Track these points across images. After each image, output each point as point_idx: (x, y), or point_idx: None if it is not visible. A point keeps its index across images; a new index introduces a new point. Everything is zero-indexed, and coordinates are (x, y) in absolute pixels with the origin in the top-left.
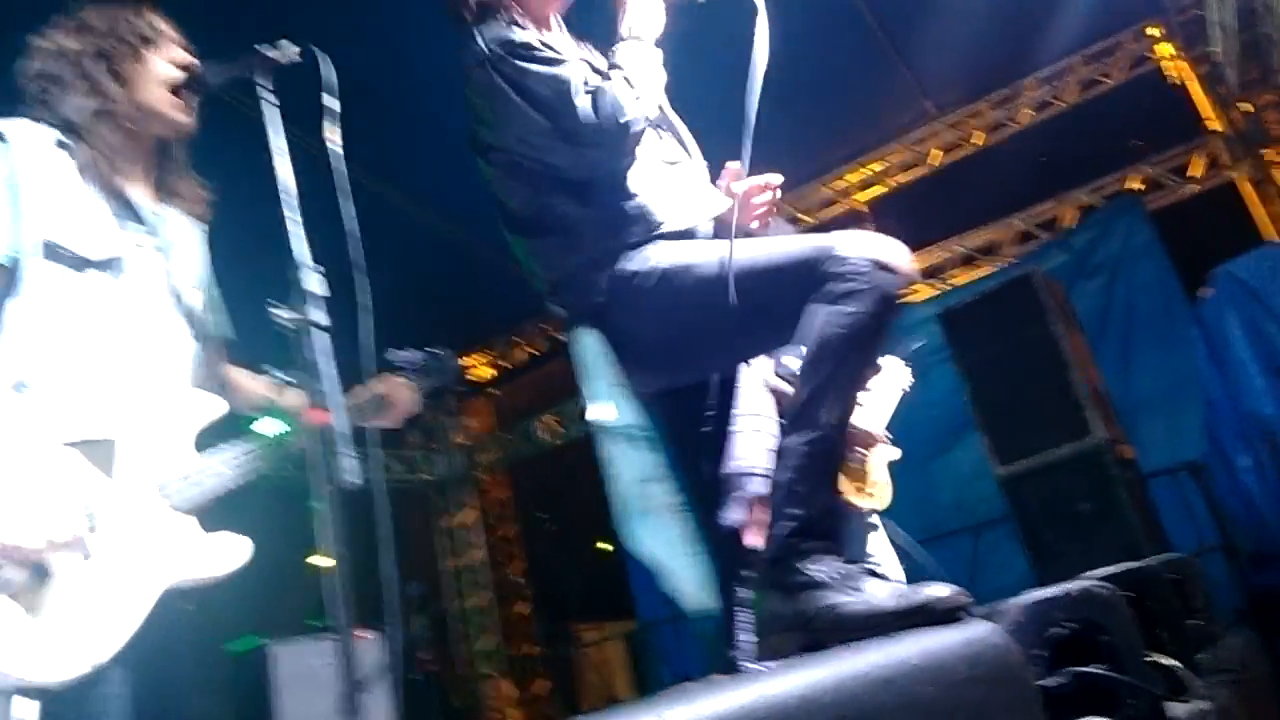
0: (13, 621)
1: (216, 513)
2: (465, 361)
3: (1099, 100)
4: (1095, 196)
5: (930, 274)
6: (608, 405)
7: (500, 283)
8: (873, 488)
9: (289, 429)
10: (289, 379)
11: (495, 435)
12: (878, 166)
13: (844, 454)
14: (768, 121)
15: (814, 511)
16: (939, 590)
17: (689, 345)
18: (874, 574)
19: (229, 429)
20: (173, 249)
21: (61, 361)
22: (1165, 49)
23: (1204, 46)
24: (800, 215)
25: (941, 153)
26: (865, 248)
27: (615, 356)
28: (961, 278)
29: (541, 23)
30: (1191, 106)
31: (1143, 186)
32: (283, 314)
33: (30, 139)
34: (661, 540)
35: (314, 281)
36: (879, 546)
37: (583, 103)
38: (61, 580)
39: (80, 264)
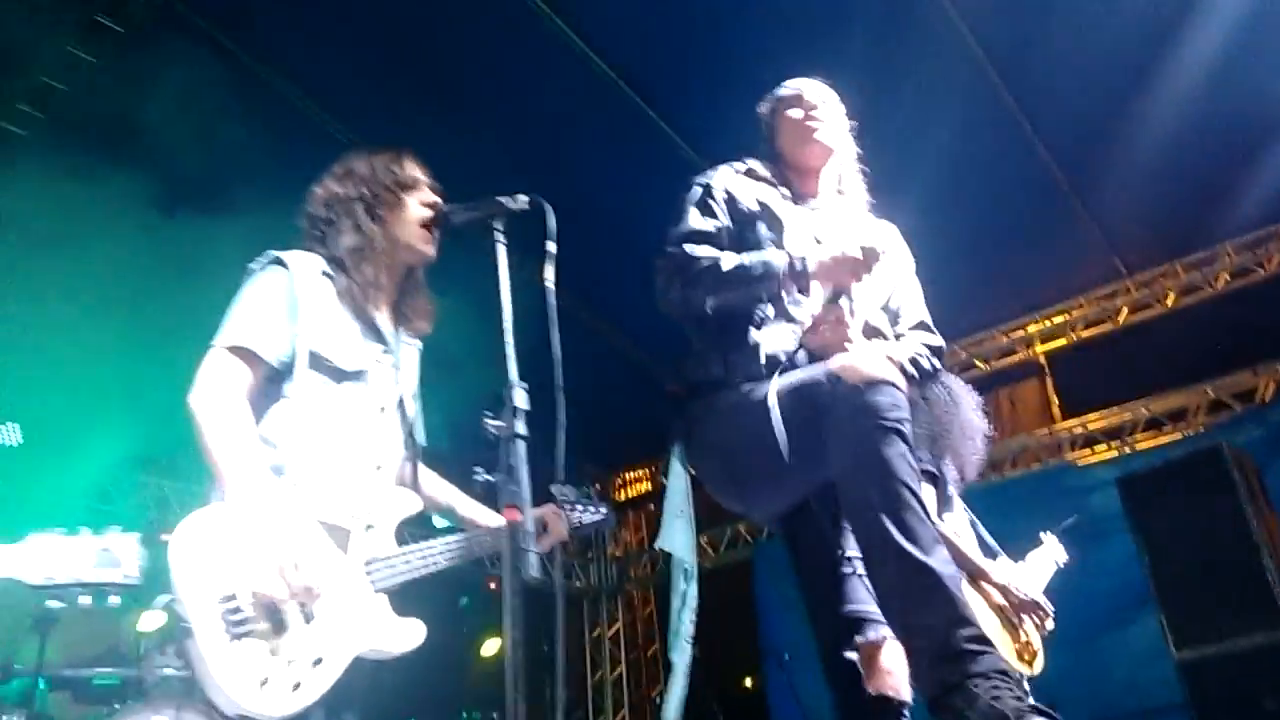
0: (250, 661)
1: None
2: (627, 476)
3: None
4: None
5: (1111, 435)
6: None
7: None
8: (1030, 655)
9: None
10: (490, 478)
11: (647, 551)
12: (1060, 319)
13: (936, 570)
14: (953, 268)
15: (950, 637)
16: None
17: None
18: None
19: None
20: (402, 365)
21: (313, 455)
22: None
23: None
24: (977, 362)
25: (1128, 311)
26: (831, 367)
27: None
28: (1144, 443)
29: None
30: None
31: None
32: (493, 423)
33: (304, 266)
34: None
35: (520, 397)
36: None
37: None
38: (289, 632)
39: (336, 374)
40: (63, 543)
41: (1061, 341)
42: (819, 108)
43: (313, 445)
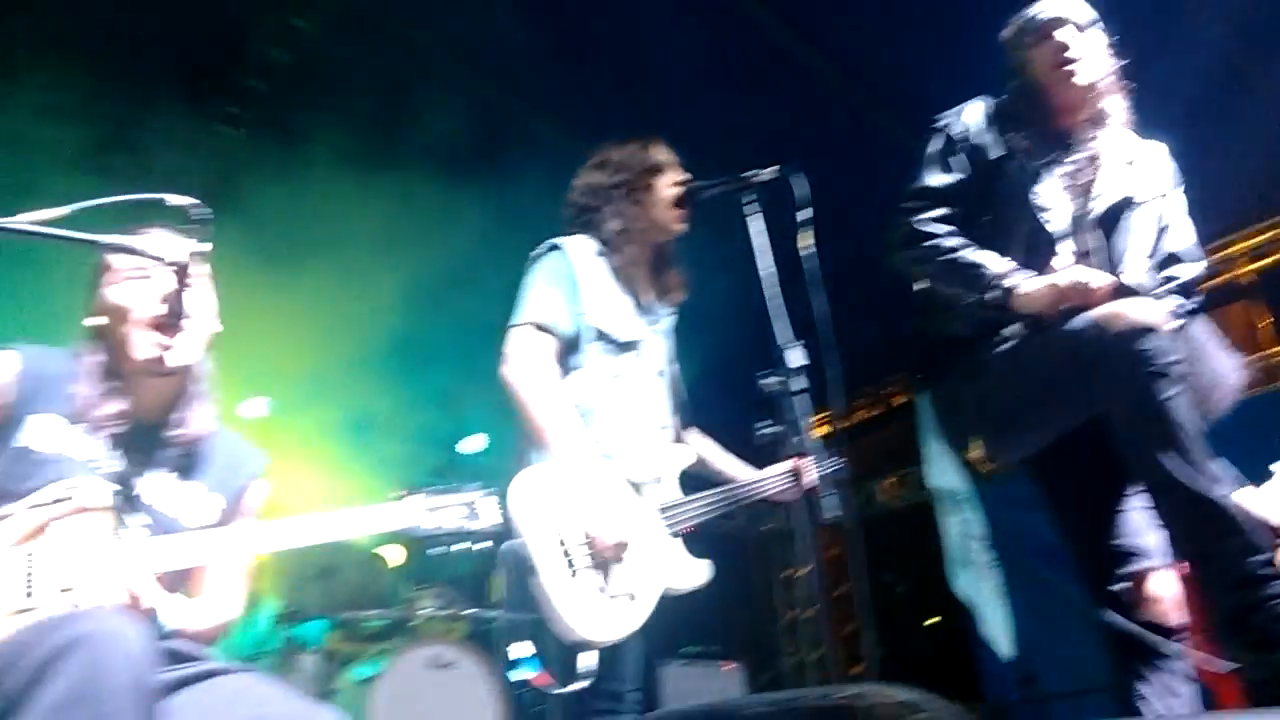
0: (583, 595)
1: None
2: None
3: None
4: None
5: None
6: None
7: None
8: None
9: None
10: (773, 431)
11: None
12: (1267, 237)
13: (1222, 503)
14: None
15: (1243, 564)
16: None
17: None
18: None
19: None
20: (664, 333)
21: (607, 418)
22: None
23: None
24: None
25: None
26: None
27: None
28: None
29: None
30: None
31: None
32: (769, 380)
33: (579, 249)
34: (979, 591)
35: (796, 355)
36: None
37: None
38: (609, 571)
39: (617, 346)
40: (438, 500)
41: (1270, 260)
42: (1074, 40)
43: (605, 410)
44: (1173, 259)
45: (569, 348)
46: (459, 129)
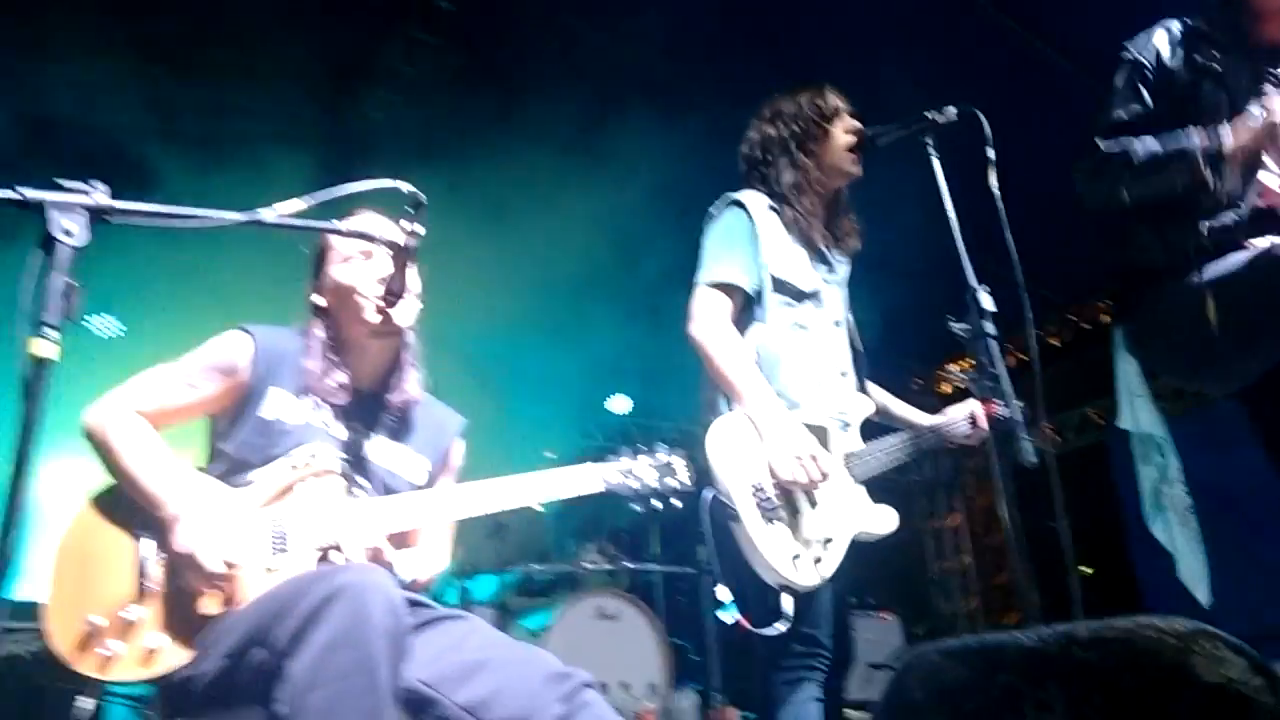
0: (783, 539)
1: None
2: (949, 368)
3: None
4: None
5: None
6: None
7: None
8: None
9: None
10: (966, 375)
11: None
12: None
13: None
14: None
15: None
16: None
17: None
18: None
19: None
20: (841, 282)
21: (791, 367)
22: None
23: None
24: None
25: None
26: None
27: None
28: None
29: None
30: None
31: None
32: (960, 326)
33: (756, 204)
34: (1177, 536)
35: (986, 299)
36: None
37: None
38: (804, 516)
39: (798, 295)
40: (634, 463)
41: None
42: None
43: (790, 359)
44: None
45: (751, 302)
46: (633, 94)
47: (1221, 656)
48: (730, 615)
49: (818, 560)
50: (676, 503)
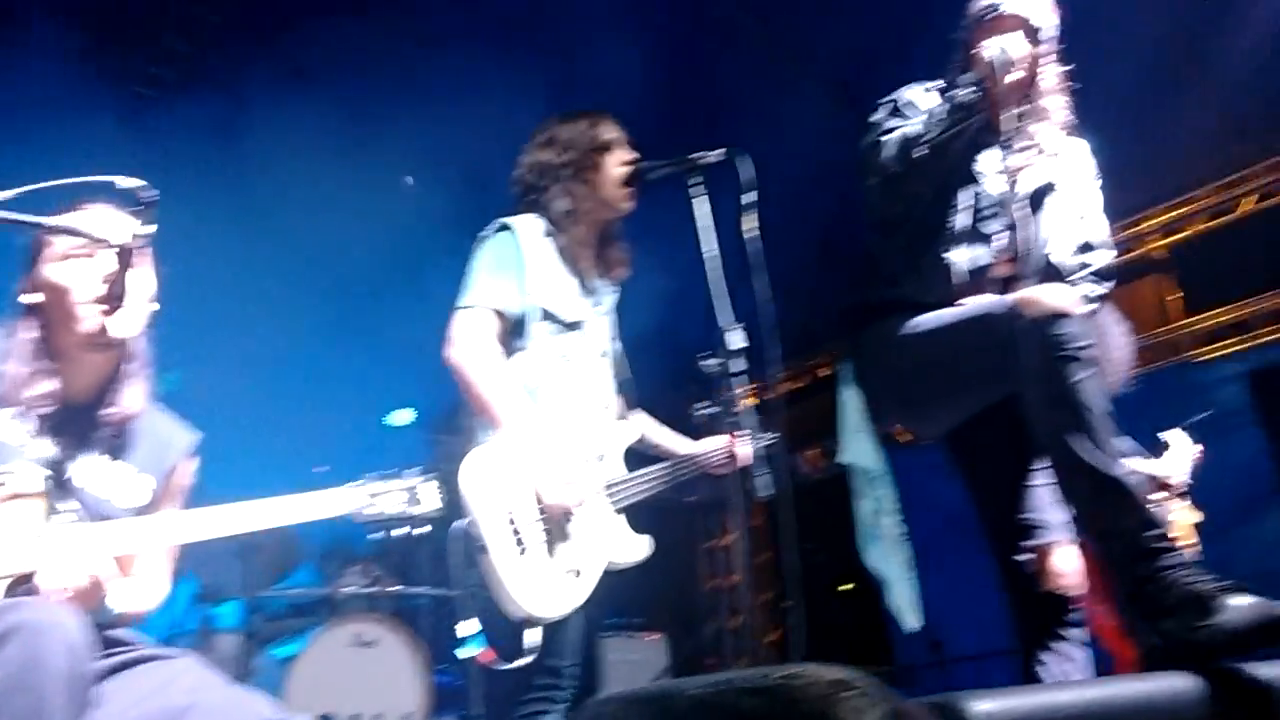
0: (530, 572)
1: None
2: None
3: None
4: None
5: (1236, 329)
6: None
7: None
8: (1184, 542)
9: None
10: (710, 411)
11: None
12: (1179, 213)
13: (1124, 481)
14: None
15: (1140, 539)
16: None
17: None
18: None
19: None
20: (607, 312)
21: (552, 397)
22: None
23: None
24: None
25: (1253, 201)
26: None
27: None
28: (1272, 335)
29: None
30: None
31: None
32: (709, 362)
33: (529, 229)
34: (888, 565)
35: (735, 338)
36: None
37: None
38: (557, 547)
39: (562, 325)
40: (380, 486)
41: (1181, 235)
42: (1020, 39)
43: (551, 389)
44: (1088, 247)
45: (515, 328)
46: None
47: (861, 706)
48: (474, 649)
49: (566, 591)
50: (422, 529)
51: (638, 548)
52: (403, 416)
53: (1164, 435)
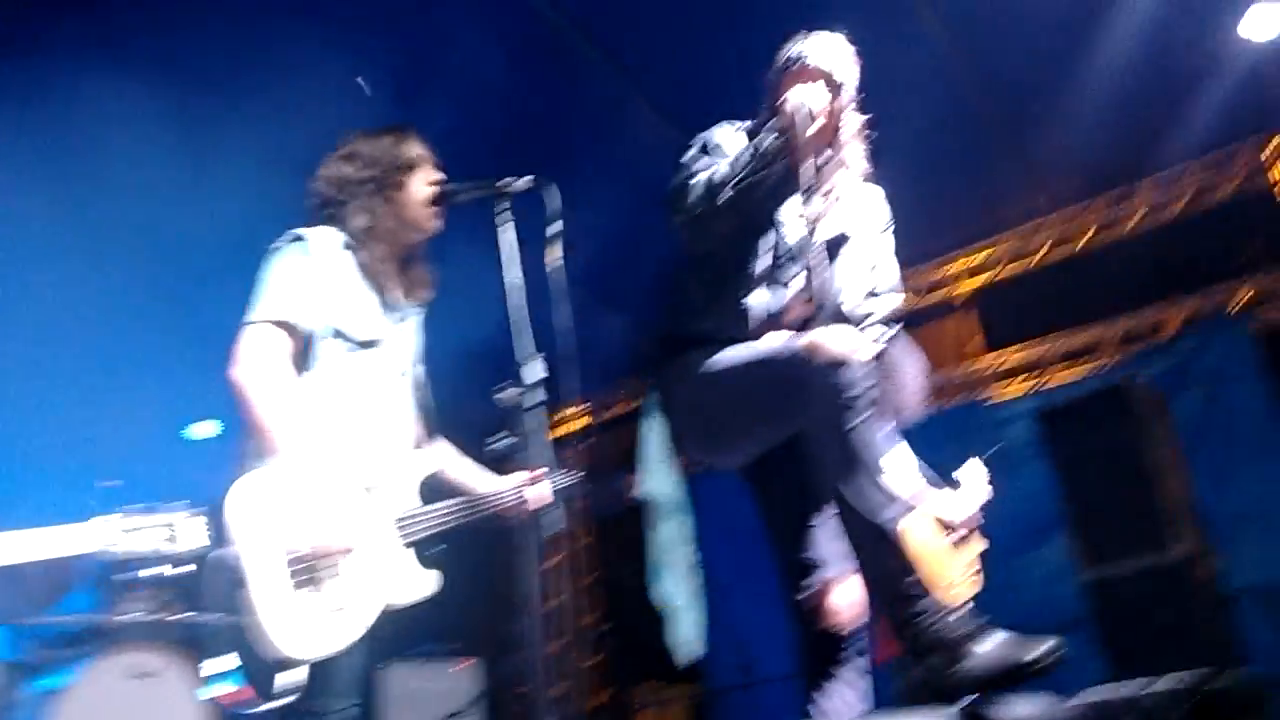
0: (296, 611)
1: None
2: (565, 413)
3: (1212, 210)
4: (1202, 306)
5: (1030, 368)
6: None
7: (606, 342)
8: (975, 573)
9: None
10: (504, 445)
11: (584, 485)
12: (984, 256)
13: (886, 528)
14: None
15: (899, 583)
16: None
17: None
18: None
19: None
20: (411, 333)
21: (341, 420)
22: None
23: None
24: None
25: (1050, 247)
26: (801, 344)
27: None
28: (1063, 375)
29: None
30: None
31: (1248, 301)
32: (504, 394)
33: (324, 242)
34: (677, 595)
35: (532, 371)
36: None
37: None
38: (325, 584)
39: (357, 344)
40: (136, 521)
41: (984, 278)
42: (822, 90)
43: (340, 411)
44: (877, 293)
45: (306, 346)
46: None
47: None
48: (224, 688)
49: (329, 630)
50: (177, 570)
51: (421, 585)
52: (206, 429)
53: (957, 471)
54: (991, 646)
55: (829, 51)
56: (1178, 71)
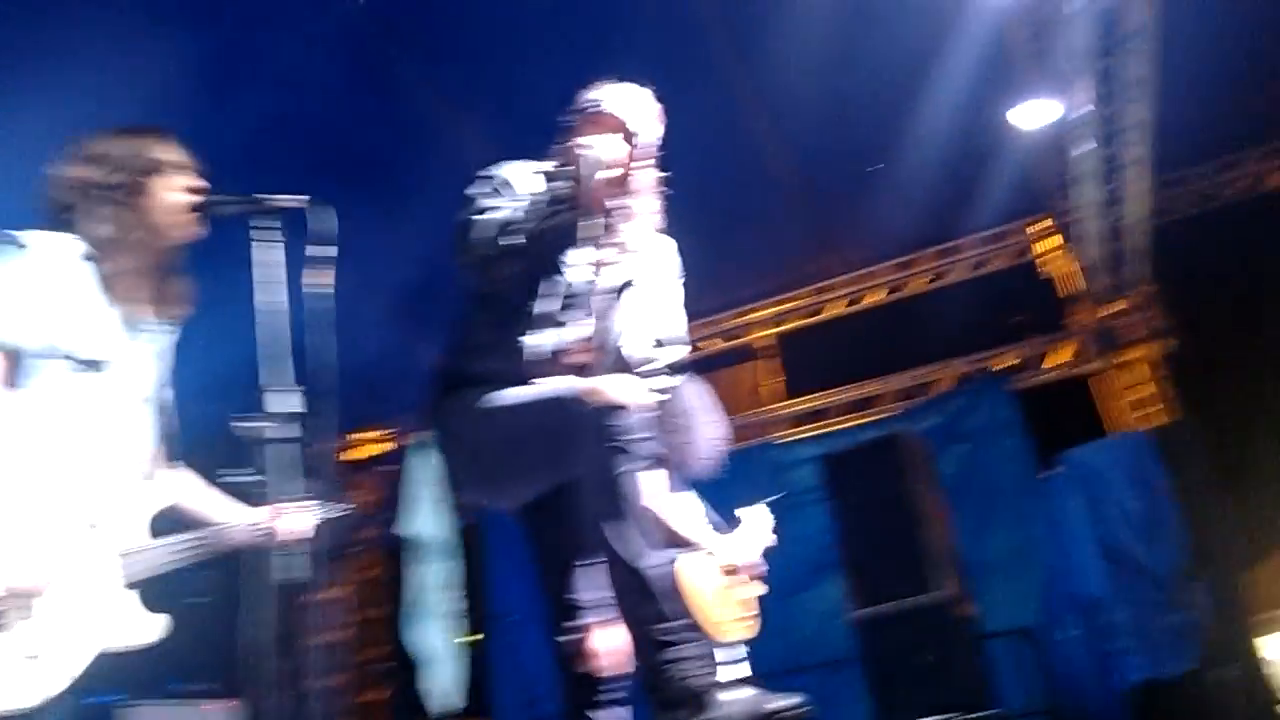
0: None
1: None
2: (354, 437)
3: (984, 281)
4: (971, 367)
5: (816, 416)
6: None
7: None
8: (752, 615)
9: None
10: (241, 478)
11: (378, 514)
12: (786, 307)
13: (645, 574)
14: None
15: (654, 629)
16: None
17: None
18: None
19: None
20: (157, 353)
21: (58, 448)
22: (1047, 244)
23: (1079, 249)
24: (699, 345)
25: (844, 304)
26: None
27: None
28: (848, 422)
29: None
30: (1060, 301)
31: (1011, 366)
32: (244, 425)
33: (52, 250)
34: (432, 642)
35: (283, 401)
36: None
37: None
38: (22, 628)
39: (84, 364)
40: None
41: (780, 329)
42: (620, 143)
43: (62, 437)
44: (663, 342)
45: (23, 364)
46: None
47: None
48: None
49: (20, 679)
50: None
51: (146, 628)
52: None
53: (740, 513)
54: (737, 697)
55: (627, 102)
56: (962, 153)
